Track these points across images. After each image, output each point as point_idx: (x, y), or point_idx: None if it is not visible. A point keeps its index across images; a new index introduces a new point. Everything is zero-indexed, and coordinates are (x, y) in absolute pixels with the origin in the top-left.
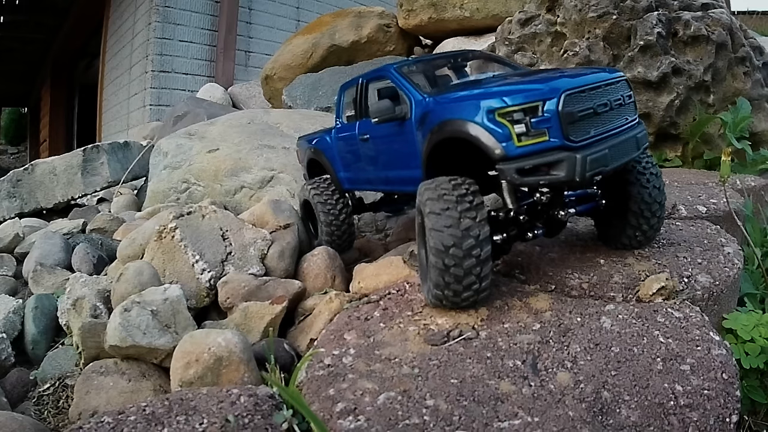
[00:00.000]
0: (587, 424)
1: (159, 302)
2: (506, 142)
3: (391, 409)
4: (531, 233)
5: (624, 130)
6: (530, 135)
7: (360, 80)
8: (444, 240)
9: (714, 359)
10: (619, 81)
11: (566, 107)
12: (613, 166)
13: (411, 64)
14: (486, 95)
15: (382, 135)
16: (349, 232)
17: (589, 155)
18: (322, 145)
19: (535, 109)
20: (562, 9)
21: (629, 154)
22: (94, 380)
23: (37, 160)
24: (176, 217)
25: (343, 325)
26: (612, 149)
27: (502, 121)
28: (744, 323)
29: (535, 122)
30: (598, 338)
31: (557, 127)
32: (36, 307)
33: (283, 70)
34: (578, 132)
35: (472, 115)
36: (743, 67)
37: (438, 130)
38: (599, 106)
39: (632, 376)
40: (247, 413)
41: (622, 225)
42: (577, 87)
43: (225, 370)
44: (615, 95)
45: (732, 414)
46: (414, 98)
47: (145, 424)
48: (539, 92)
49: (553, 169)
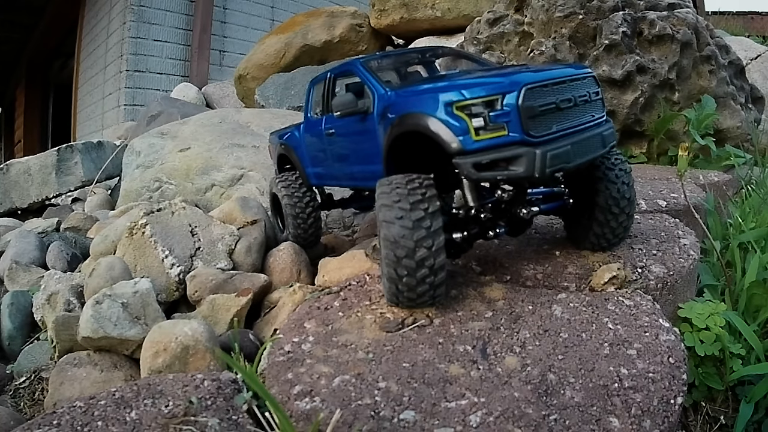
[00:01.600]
0: (531, 404)
1: (129, 295)
2: (463, 135)
3: (345, 391)
4: (493, 232)
5: (589, 127)
6: (488, 129)
7: (328, 75)
8: (394, 231)
9: (661, 344)
10: (585, 77)
11: (526, 101)
12: (576, 164)
13: (379, 58)
14: (445, 88)
15: (345, 129)
16: (316, 227)
17: (550, 151)
18: (290, 141)
19: (493, 102)
20: (530, 9)
21: (594, 151)
22: (68, 371)
23: (12, 160)
24: (146, 214)
25: (303, 315)
26: (575, 146)
27: (460, 115)
28: (699, 312)
29: (493, 116)
30: (548, 325)
31: (516, 122)
32: (12, 303)
33: (256, 69)
34: (539, 127)
35: (430, 108)
36: (708, 66)
37: (398, 124)
38: (562, 102)
39: (579, 360)
40: (210, 396)
41: (589, 223)
42: (538, 81)
43: (192, 358)
44: (580, 91)
45: (677, 396)
46: (377, 92)
47: (114, 407)
48: (499, 85)
49: (512, 164)
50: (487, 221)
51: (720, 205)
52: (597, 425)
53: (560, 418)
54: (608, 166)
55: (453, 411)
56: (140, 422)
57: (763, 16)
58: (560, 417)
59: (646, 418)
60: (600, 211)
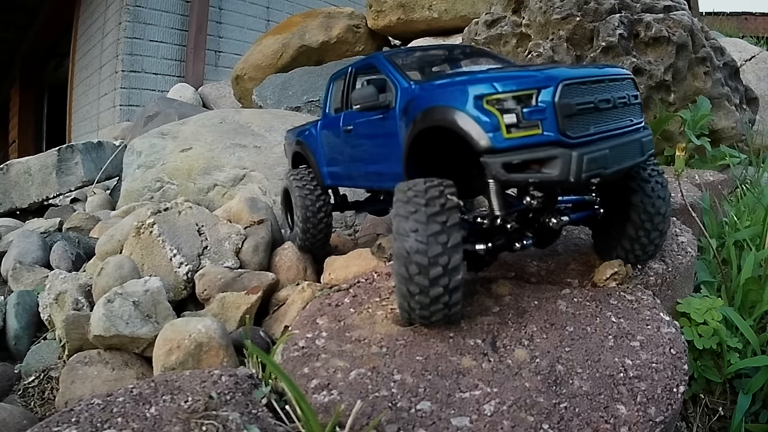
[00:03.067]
0: (542, 394)
1: (140, 293)
2: (493, 132)
3: (361, 384)
4: (519, 243)
5: (628, 131)
6: (521, 126)
7: (349, 69)
8: (408, 245)
9: (663, 336)
10: (625, 79)
11: (564, 98)
12: (613, 170)
13: (403, 53)
14: (475, 81)
15: (364, 125)
16: (325, 232)
17: (587, 154)
18: (306, 138)
19: (528, 97)
20: (528, 11)
21: (632, 158)
22: (78, 370)
23: (11, 160)
24: (154, 213)
25: (315, 311)
26: (613, 150)
27: (491, 109)
28: (697, 307)
29: (527, 112)
30: (554, 319)
31: (552, 120)
32: (18, 303)
33: (253, 70)
34: (576, 127)
35: (458, 101)
36: (704, 67)
37: (422, 119)
38: (601, 102)
39: (585, 351)
40: (229, 391)
41: (619, 237)
42: (576, 78)
43: (205, 355)
44: (619, 93)
45: (679, 385)
46: (400, 85)
47: (133, 404)
48: (534, 80)
49: (545, 166)
50: (513, 231)
51: (716, 204)
52: (605, 412)
53: (570, 406)
54: (644, 177)
55: (467, 401)
56: (161, 418)
57: (757, 17)
58: (570, 405)
59: (651, 405)
60: (632, 226)
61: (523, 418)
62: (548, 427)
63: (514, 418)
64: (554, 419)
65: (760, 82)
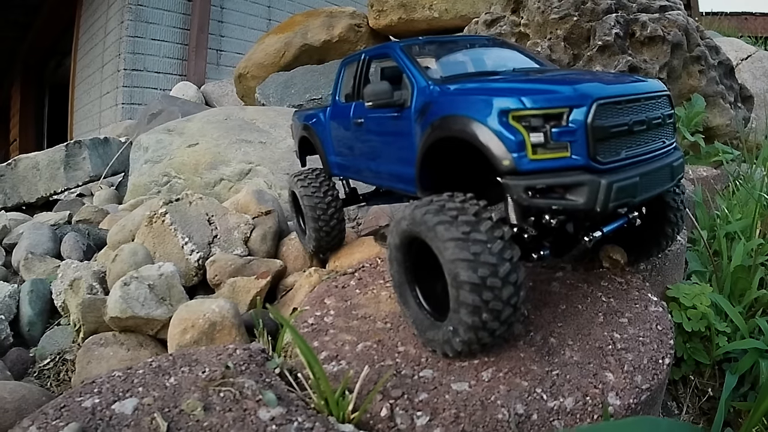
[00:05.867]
0: (536, 362)
1: (155, 277)
2: (518, 152)
3: (368, 355)
4: (536, 254)
5: (660, 156)
6: (549, 148)
7: (363, 56)
8: (479, 270)
9: (650, 314)
10: (661, 96)
11: (597, 119)
12: (641, 198)
13: (421, 44)
14: (500, 91)
15: (377, 122)
16: (339, 228)
17: (616, 182)
18: (315, 124)
19: (559, 116)
20: (526, 11)
21: (662, 185)
22: (94, 351)
23: (20, 155)
24: (166, 203)
25: (323, 293)
26: (644, 178)
27: (517, 126)
28: (686, 292)
29: (556, 133)
30: (548, 299)
31: (583, 143)
32: (32, 290)
33: (256, 68)
34: (607, 152)
35: (481, 114)
36: (698, 66)
37: (439, 126)
38: (635, 124)
39: (576, 326)
40: (243, 362)
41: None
42: (612, 96)
43: (218, 334)
44: (654, 112)
45: (665, 357)
46: (417, 84)
47: (152, 375)
48: (566, 97)
49: (571, 192)
50: (530, 241)
51: (708, 198)
52: (594, 379)
53: (562, 373)
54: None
55: (466, 368)
56: (180, 387)
57: (756, 17)
58: (561, 372)
59: (638, 374)
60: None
61: (518, 383)
62: (541, 391)
63: (510, 382)
64: (547, 384)
65: (756, 81)
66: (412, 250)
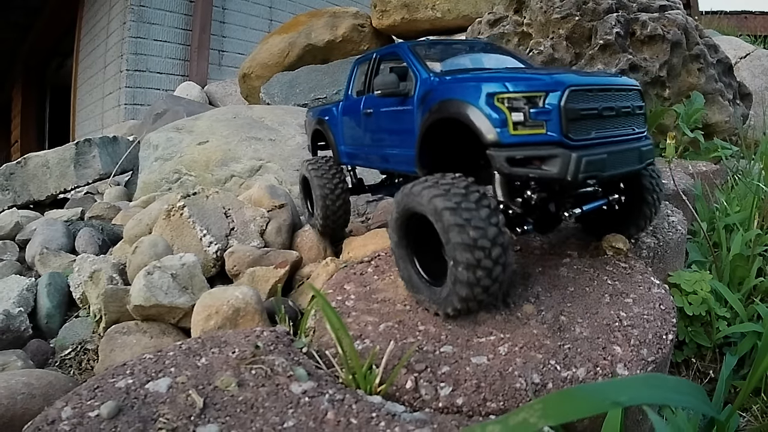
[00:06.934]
0: (548, 338)
1: (177, 267)
2: (501, 128)
3: (390, 333)
4: (520, 228)
5: (628, 140)
6: (527, 125)
7: (374, 55)
8: (470, 232)
9: (653, 295)
10: (631, 89)
11: (569, 103)
12: (610, 173)
13: (427, 45)
14: (489, 79)
15: (384, 111)
16: (345, 210)
17: (585, 156)
18: (327, 117)
19: (536, 99)
20: (529, 10)
21: (630, 165)
22: (117, 339)
23: (29, 153)
24: (184, 197)
25: (342, 279)
26: (611, 156)
27: (501, 107)
28: (687, 278)
29: (534, 113)
30: (557, 282)
31: (557, 122)
32: (49, 283)
33: (260, 68)
34: (578, 131)
35: (471, 96)
36: (697, 64)
37: (437, 110)
38: (604, 110)
39: (585, 306)
40: (271, 343)
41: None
42: (583, 84)
43: (242, 320)
44: (624, 102)
45: (668, 333)
46: (420, 76)
47: (183, 356)
48: (544, 83)
49: (546, 164)
50: (514, 217)
51: (707, 192)
52: (604, 351)
53: (573, 347)
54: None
55: (484, 344)
56: (212, 366)
57: (756, 16)
58: (573, 346)
59: (644, 348)
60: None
61: (533, 356)
62: (555, 363)
63: (525, 356)
64: (560, 357)
65: (755, 79)
66: (411, 224)
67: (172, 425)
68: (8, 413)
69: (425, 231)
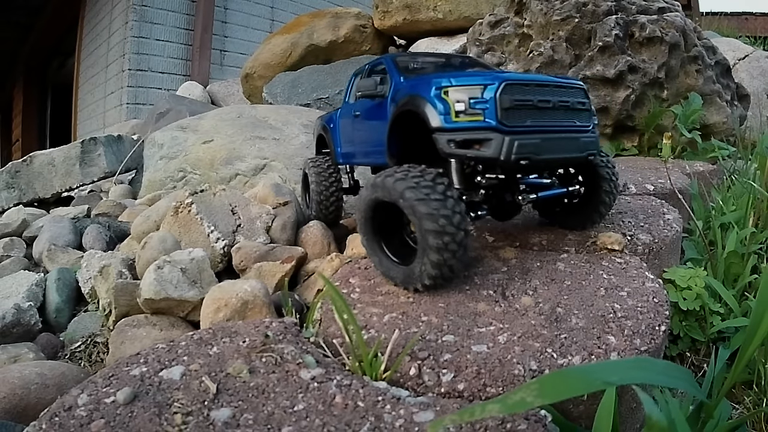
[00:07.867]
0: (545, 328)
1: (187, 261)
2: (445, 115)
3: (394, 324)
4: (474, 213)
5: (567, 130)
6: (467, 113)
7: (366, 66)
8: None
9: (647, 289)
10: (572, 87)
11: (504, 94)
12: (546, 158)
13: (408, 57)
14: (439, 76)
15: (367, 111)
16: (337, 206)
17: (518, 140)
18: (328, 123)
19: (476, 92)
20: (529, 12)
21: (568, 152)
22: (127, 332)
23: (35, 152)
24: (192, 194)
25: (347, 273)
26: (546, 141)
27: (446, 98)
28: (681, 275)
29: (473, 102)
30: (554, 276)
31: (493, 110)
32: (58, 278)
33: (262, 68)
34: (513, 119)
35: (425, 91)
36: (695, 65)
37: (402, 104)
38: (540, 102)
39: (581, 299)
40: (280, 332)
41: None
42: (519, 80)
43: (250, 312)
44: (562, 97)
45: (661, 324)
46: (394, 80)
47: (195, 346)
48: (483, 79)
49: (483, 146)
50: (469, 203)
51: (704, 191)
52: (598, 341)
53: (569, 336)
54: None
55: (484, 334)
56: (223, 354)
57: (757, 17)
58: (569, 336)
59: (637, 338)
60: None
61: (531, 344)
62: (551, 351)
63: (524, 344)
64: (556, 345)
65: (753, 80)
66: (377, 214)
67: (187, 409)
68: (22, 403)
69: (390, 219)
